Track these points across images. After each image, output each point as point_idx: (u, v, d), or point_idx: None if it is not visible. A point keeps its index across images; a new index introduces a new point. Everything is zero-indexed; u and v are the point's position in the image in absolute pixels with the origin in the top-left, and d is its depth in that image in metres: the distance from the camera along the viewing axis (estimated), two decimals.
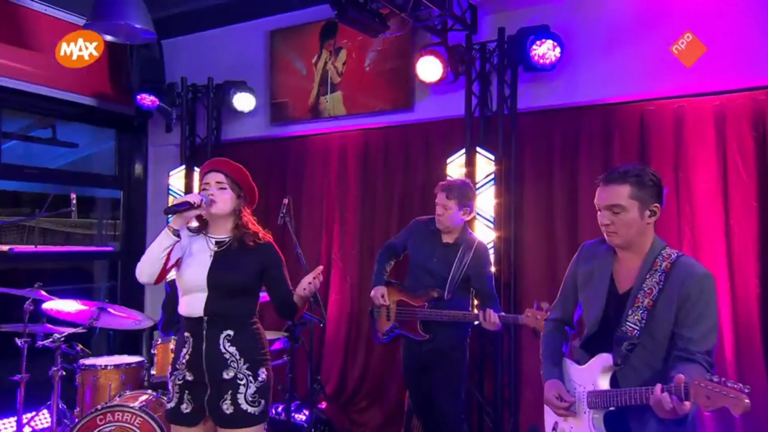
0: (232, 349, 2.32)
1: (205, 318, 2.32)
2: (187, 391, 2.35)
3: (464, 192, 3.23)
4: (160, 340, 3.70)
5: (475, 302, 3.47)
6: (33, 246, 5.67)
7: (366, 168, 4.89)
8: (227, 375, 2.31)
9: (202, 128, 5.37)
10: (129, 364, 3.63)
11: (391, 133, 4.75)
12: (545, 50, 3.74)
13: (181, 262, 2.43)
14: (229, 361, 2.31)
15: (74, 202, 3.50)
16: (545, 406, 2.23)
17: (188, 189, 5.27)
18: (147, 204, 5.81)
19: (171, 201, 5.33)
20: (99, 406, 3.28)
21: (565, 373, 2.21)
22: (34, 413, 3.86)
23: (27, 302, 3.50)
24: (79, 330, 3.55)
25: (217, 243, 2.42)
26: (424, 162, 4.55)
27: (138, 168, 5.77)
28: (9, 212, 6.55)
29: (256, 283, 2.40)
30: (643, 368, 2.01)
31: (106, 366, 3.58)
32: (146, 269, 2.32)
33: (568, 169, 4.07)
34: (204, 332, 2.33)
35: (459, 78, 4.15)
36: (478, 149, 4.09)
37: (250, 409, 2.31)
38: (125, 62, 5.15)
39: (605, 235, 2.11)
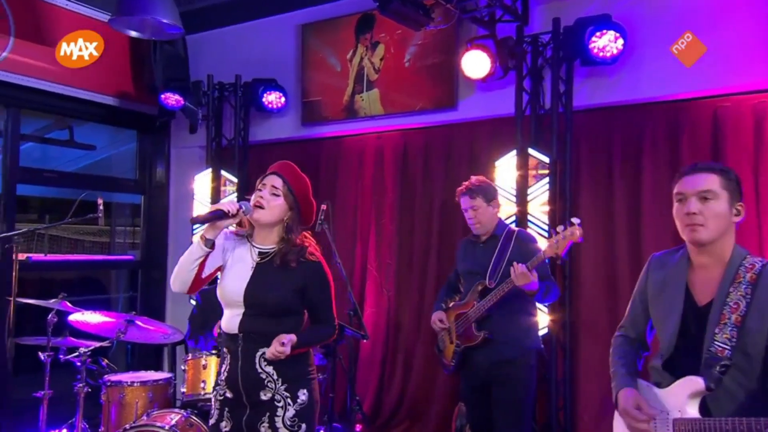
0: (269, 369, 2.31)
1: (240, 335, 2.33)
2: (227, 409, 2.36)
3: (484, 188, 3.30)
4: (190, 355, 3.71)
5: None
6: (47, 255, 5.76)
7: (404, 172, 4.87)
8: (264, 396, 2.31)
9: (228, 129, 5.40)
10: (156, 381, 3.65)
11: (433, 134, 4.73)
12: (606, 42, 3.69)
13: (223, 269, 2.43)
14: (265, 382, 2.31)
15: (101, 207, 3.54)
16: (614, 423, 2.15)
17: (214, 194, 5.31)
18: (169, 210, 5.86)
19: (195, 207, 5.38)
20: (127, 426, 3.30)
21: (642, 395, 2.13)
22: None
23: (50, 314, 3.52)
24: (105, 344, 3.56)
25: (260, 254, 2.39)
26: (468, 165, 4.51)
27: (160, 171, 5.83)
28: (19, 218, 6.68)
29: (296, 303, 2.37)
30: (738, 391, 1.94)
31: (132, 383, 3.59)
32: (178, 279, 2.35)
33: (629, 172, 4.00)
34: (239, 350, 2.33)
35: (508, 74, 4.11)
36: (530, 150, 4.05)
37: None
38: (148, 59, 5.22)
39: (688, 231, 2.01)
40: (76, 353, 3.48)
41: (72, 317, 3.53)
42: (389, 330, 4.86)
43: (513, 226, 3.60)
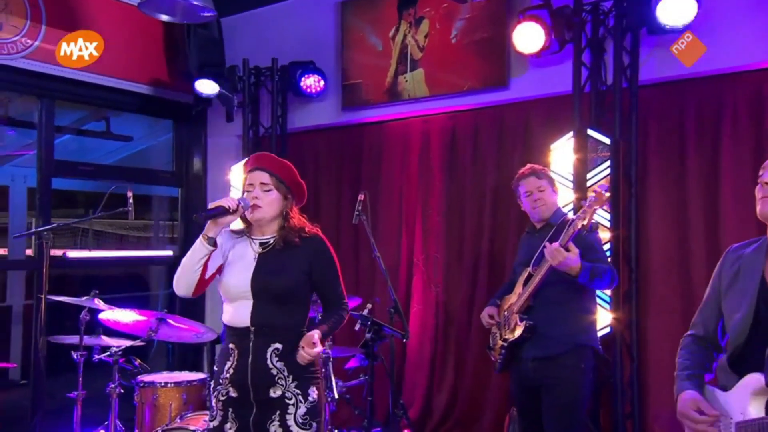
0: (280, 365, 2.36)
1: (252, 329, 2.37)
2: (231, 409, 2.39)
3: (546, 172, 3.34)
4: None
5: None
6: (87, 250, 5.92)
7: (452, 157, 4.80)
8: (274, 393, 2.35)
9: (265, 116, 5.41)
10: (191, 382, 3.69)
11: (482, 115, 4.65)
12: (676, 6, 3.48)
13: (222, 268, 2.47)
14: (276, 378, 2.35)
15: (131, 201, 3.58)
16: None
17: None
18: (206, 202, 5.92)
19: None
20: (159, 429, 3.35)
21: (707, 399, 2.02)
22: None
23: (83, 312, 3.60)
24: (138, 343, 3.62)
25: (261, 245, 2.47)
26: (522, 149, 4.40)
27: (197, 163, 5.90)
28: (63, 213, 6.91)
29: (304, 287, 2.44)
30: None
31: (166, 383, 3.64)
32: (182, 281, 2.41)
33: (705, 154, 3.81)
34: (250, 344, 2.36)
35: (565, 47, 3.97)
36: (590, 131, 3.91)
37: None
38: (182, 44, 5.27)
39: None
40: (108, 352, 3.55)
41: (103, 315, 3.59)
42: (438, 328, 4.80)
43: (571, 214, 3.51)
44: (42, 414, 3.89)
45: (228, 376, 2.40)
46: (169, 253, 5.98)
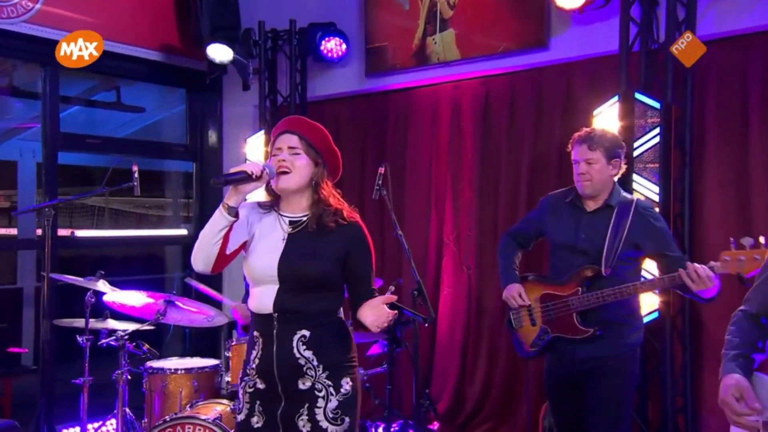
0: (308, 354, 2.31)
1: (275, 315, 2.32)
2: (258, 402, 2.36)
3: (609, 140, 3.07)
4: (234, 340, 3.76)
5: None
6: (98, 229, 5.99)
7: (486, 126, 4.75)
8: (303, 385, 2.31)
9: (284, 84, 5.41)
10: (202, 369, 3.72)
11: (519, 79, 4.59)
12: None
13: (248, 246, 2.41)
14: (304, 368, 2.31)
15: (136, 175, 3.59)
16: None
17: (268, 159, 5.32)
18: None
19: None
20: (167, 417, 3.37)
21: (755, 388, 1.97)
22: (100, 423, 4.06)
23: (88, 294, 3.63)
24: (146, 327, 3.64)
25: (291, 223, 2.39)
26: (562, 116, 4.32)
27: (212, 135, 5.92)
28: (77, 190, 7.01)
29: (337, 274, 2.37)
30: None
31: (176, 370, 3.67)
32: (199, 255, 2.34)
33: None
34: (274, 332, 2.32)
35: (612, 1, 3.88)
36: (638, 95, 3.81)
37: (331, 428, 2.30)
38: (194, 6, 5.25)
39: None
40: (114, 336, 3.58)
41: (107, 297, 3.63)
42: (470, 313, 4.78)
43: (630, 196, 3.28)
44: (48, 401, 3.97)
45: (254, 366, 2.36)
46: (183, 232, 6.03)
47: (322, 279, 2.33)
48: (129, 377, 3.63)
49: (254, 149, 5.36)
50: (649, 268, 3.45)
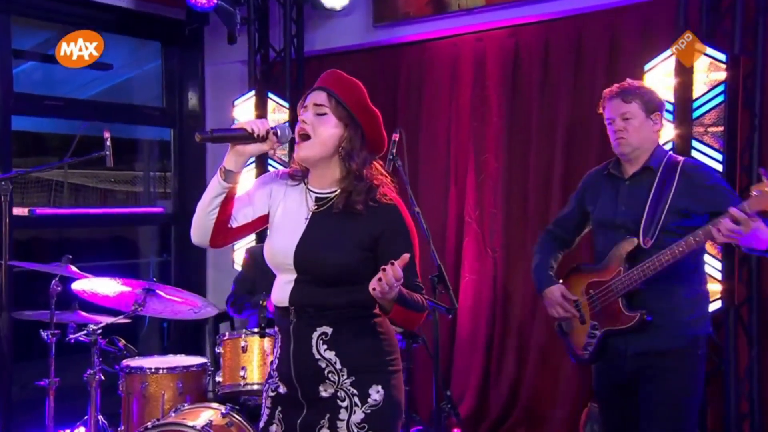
0: (330, 355, 2.26)
1: (291, 309, 2.29)
2: (279, 408, 2.35)
3: (645, 92, 3.06)
4: (227, 334, 3.74)
5: None
6: (59, 207, 5.98)
7: (515, 85, 4.72)
8: (324, 391, 2.27)
9: (277, 37, 5.37)
10: (188, 368, 3.71)
11: (554, 29, 4.56)
12: None
13: (269, 222, 2.39)
14: (326, 372, 2.27)
15: (108, 143, 3.56)
16: None
17: None
18: (206, 146, 5.90)
19: None
20: (149, 424, 3.38)
21: None
22: (68, 431, 4.08)
23: (54, 281, 3.59)
24: (121, 320, 3.62)
25: (317, 200, 2.33)
26: (605, 72, 4.28)
27: (192, 97, 5.89)
28: (34, 162, 6.99)
29: (364, 267, 2.26)
30: None
31: (157, 369, 3.65)
32: (194, 225, 2.34)
33: None
34: (291, 328, 2.29)
35: None
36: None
37: None
38: None
39: None
40: (85, 331, 3.54)
41: (76, 285, 3.58)
42: (496, 303, 4.79)
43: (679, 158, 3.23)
44: (5, 406, 3.98)
45: (275, 366, 2.36)
46: (159, 210, 6.02)
47: (343, 273, 2.25)
48: (102, 378, 3.63)
49: (243, 112, 5.35)
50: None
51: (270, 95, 5.31)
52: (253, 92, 5.32)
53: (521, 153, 4.70)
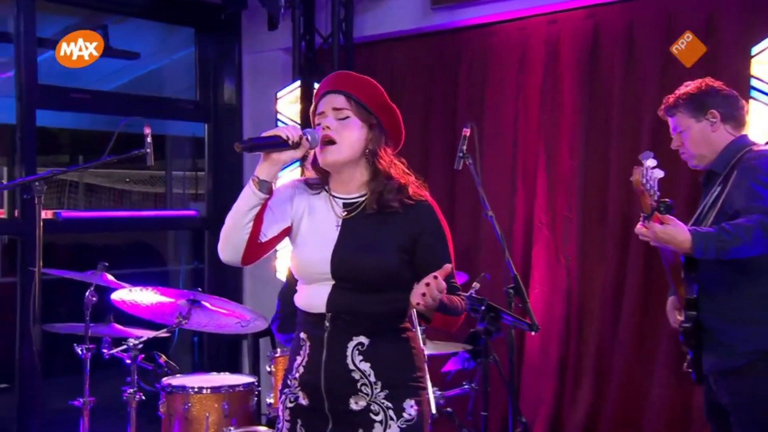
0: (365, 366, 2.36)
1: (328, 315, 2.38)
2: (299, 421, 2.42)
3: (691, 96, 3.17)
4: (279, 351, 3.80)
5: None
6: (77, 210, 6.05)
7: (593, 75, 4.67)
8: (356, 404, 2.36)
9: (324, 21, 5.39)
10: (233, 387, 3.78)
11: (640, 8, 4.52)
12: None
13: (293, 235, 2.47)
14: (359, 384, 2.35)
15: (149, 140, 3.60)
16: None
17: (305, 117, 5.31)
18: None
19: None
20: None
21: None
22: None
23: (88, 291, 3.68)
24: (163, 333, 3.70)
25: (345, 206, 2.46)
26: (702, 56, 4.09)
27: (228, 89, 5.93)
28: (41, 161, 7.09)
29: (405, 269, 2.41)
30: None
31: (200, 389, 3.73)
32: (226, 241, 2.39)
33: None
34: (325, 335, 2.38)
35: None
36: None
37: None
38: None
39: None
40: (124, 346, 3.62)
41: (116, 295, 3.66)
42: (570, 319, 4.75)
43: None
44: (37, 427, 4.04)
45: (297, 376, 2.43)
46: (192, 212, 6.08)
47: (386, 276, 2.37)
48: (143, 398, 3.69)
49: (287, 105, 5.37)
50: None
51: (317, 85, 5.30)
52: (297, 83, 5.34)
53: (600, 150, 4.65)
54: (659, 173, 2.77)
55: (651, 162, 2.78)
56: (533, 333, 3.59)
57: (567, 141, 4.76)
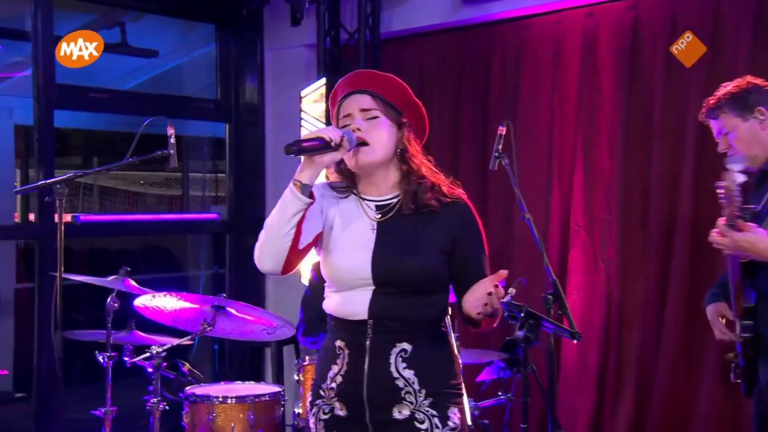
0: (409, 374, 2.39)
1: (370, 322, 2.40)
2: None
3: (736, 95, 3.16)
4: (308, 359, 3.82)
5: None
6: (94, 213, 6.09)
7: (633, 67, 4.62)
8: (399, 413, 2.38)
9: (349, 16, 5.39)
10: (259, 397, 3.80)
11: None
12: None
13: (325, 240, 2.48)
14: (403, 392, 2.38)
15: (172, 140, 3.62)
16: None
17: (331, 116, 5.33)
18: (265, 144, 6.00)
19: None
20: None
21: None
22: None
23: (110, 297, 3.71)
24: (186, 341, 3.73)
25: (378, 208, 2.48)
26: (750, 51, 4.17)
27: (250, 87, 5.95)
28: (56, 162, 7.15)
29: (444, 271, 2.46)
30: None
31: (225, 398, 3.76)
32: (267, 251, 2.39)
33: None
34: (367, 343, 2.40)
35: None
36: None
37: None
38: None
39: None
40: (147, 354, 3.65)
41: (139, 301, 3.68)
42: (610, 328, 4.70)
43: None
44: None
45: (334, 386, 2.43)
46: (213, 216, 6.10)
47: (428, 278, 2.42)
48: (167, 407, 3.71)
49: (312, 104, 5.38)
50: None
51: None
52: (322, 81, 5.34)
53: (641, 148, 4.60)
54: (742, 178, 2.75)
55: (738, 166, 2.77)
56: (575, 341, 3.55)
57: (606, 138, 4.72)
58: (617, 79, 4.68)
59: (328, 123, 5.27)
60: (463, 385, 2.50)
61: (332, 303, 2.48)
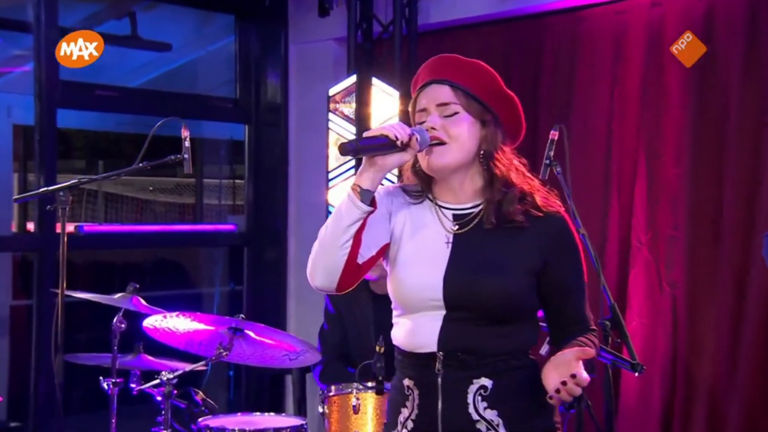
0: (491, 414, 2.32)
1: (440, 355, 2.32)
2: None
3: None
4: (333, 389, 3.76)
5: None
6: (106, 221, 6.11)
7: (705, 66, 4.54)
8: None
9: (383, 7, 5.41)
10: (280, 430, 3.78)
11: None
12: None
13: (390, 251, 2.43)
14: None
15: (187, 144, 3.60)
16: None
17: (362, 118, 5.31)
18: (289, 148, 6.01)
19: (333, 142, 5.44)
20: None
21: None
22: None
23: (116, 317, 3.72)
24: (200, 366, 3.72)
25: (456, 218, 2.41)
26: None
27: (272, 85, 5.98)
28: (59, 166, 7.19)
29: (530, 296, 2.38)
30: None
31: (242, 431, 3.70)
32: (320, 265, 2.35)
33: None
34: (439, 380, 2.33)
35: None
36: None
37: None
38: None
39: None
40: (156, 381, 3.62)
41: (148, 322, 3.66)
42: (677, 358, 4.69)
43: None
44: None
45: (409, 429, 2.39)
46: (230, 227, 6.10)
47: (510, 303, 2.32)
48: None
49: (342, 104, 5.37)
50: None
51: (375, 81, 5.33)
52: (353, 78, 5.35)
53: (713, 155, 4.59)
54: None
55: None
56: (636, 374, 3.51)
57: (672, 144, 4.71)
58: (686, 75, 4.64)
59: (359, 125, 5.27)
60: (561, 426, 2.43)
61: (399, 333, 2.43)
